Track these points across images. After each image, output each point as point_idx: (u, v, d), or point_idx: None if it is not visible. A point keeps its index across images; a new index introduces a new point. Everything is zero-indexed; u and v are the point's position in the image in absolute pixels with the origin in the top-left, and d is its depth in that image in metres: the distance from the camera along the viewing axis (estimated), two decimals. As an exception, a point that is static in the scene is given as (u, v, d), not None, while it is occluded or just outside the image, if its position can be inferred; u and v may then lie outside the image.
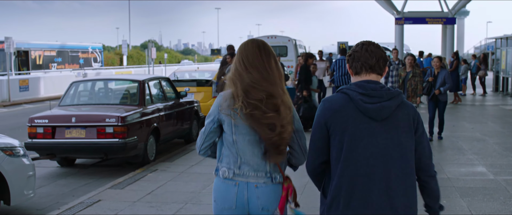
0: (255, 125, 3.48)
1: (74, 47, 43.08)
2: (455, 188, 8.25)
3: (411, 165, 3.34)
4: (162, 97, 11.93)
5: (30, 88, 29.35)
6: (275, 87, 3.52)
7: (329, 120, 3.29)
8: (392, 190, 3.26)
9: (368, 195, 3.21)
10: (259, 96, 3.46)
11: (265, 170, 3.59)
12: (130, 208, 7.41)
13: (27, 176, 7.44)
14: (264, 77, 3.51)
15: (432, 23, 35.33)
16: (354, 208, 3.22)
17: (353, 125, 3.24)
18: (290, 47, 34.87)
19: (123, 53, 57.40)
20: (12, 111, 23.46)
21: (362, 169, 3.21)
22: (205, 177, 9.14)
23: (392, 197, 3.26)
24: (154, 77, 12.08)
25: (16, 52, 34.32)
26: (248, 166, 3.59)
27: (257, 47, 3.59)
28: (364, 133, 3.23)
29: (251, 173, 3.59)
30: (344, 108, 3.27)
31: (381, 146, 3.23)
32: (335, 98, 3.35)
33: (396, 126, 3.27)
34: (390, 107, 3.25)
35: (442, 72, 12.31)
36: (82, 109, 10.84)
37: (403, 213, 3.34)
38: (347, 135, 3.24)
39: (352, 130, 3.24)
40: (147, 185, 8.65)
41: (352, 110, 3.26)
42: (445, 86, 12.18)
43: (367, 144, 3.23)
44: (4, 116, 21.43)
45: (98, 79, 12.71)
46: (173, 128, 12.11)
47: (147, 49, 44.03)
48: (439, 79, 12.27)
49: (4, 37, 27.91)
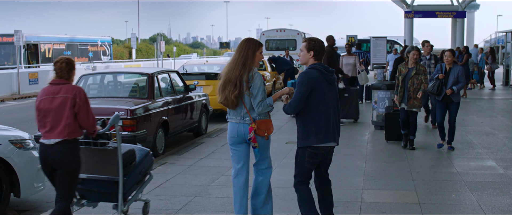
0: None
1: (83, 40, 43.16)
2: (464, 182, 8.22)
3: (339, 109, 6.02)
4: (171, 90, 11.94)
5: (39, 81, 29.44)
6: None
7: (314, 85, 5.66)
8: (336, 122, 5.88)
9: (329, 126, 5.74)
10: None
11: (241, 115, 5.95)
12: (139, 201, 7.41)
13: (37, 169, 7.45)
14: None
15: (442, 16, 35.16)
16: (324, 136, 5.70)
17: (321, 87, 5.69)
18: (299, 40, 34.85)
19: (132, 46, 57.47)
20: (22, 104, 23.56)
21: (327, 111, 5.72)
22: (214, 171, 9.15)
23: (337, 125, 5.88)
24: (163, 70, 12.09)
25: (26, 45, 34.42)
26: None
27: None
28: (326, 91, 5.73)
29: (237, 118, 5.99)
30: (318, 78, 5.70)
31: (332, 99, 5.79)
32: (313, 72, 5.71)
33: (336, 89, 5.89)
34: (334, 78, 5.82)
35: (455, 68, 10.62)
36: (91, 102, 10.80)
37: (337, 141, 5.87)
38: (319, 93, 5.68)
39: (323, 90, 5.70)
40: (156, 178, 8.66)
41: (321, 79, 5.70)
42: (459, 84, 10.50)
43: (328, 98, 5.74)
44: (14, 109, 21.52)
45: (107, 72, 12.74)
46: (182, 121, 12.12)
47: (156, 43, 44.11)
48: (452, 76, 10.55)
49: (13, 30, 27.97)
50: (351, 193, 7.68)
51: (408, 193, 7.66)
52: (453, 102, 10.61)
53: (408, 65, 10.70)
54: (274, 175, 8.80)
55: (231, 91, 5.80)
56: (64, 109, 5.57)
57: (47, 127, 5.60)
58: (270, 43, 36.22)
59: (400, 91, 10.72)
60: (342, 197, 7.47)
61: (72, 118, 5.60)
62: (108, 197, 6.38)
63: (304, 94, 5.62)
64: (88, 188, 6.37)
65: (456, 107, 10.69)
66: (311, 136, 5.64)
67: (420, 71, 10.63)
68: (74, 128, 5.62)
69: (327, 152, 5.83)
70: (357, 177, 8.56)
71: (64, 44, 40.04)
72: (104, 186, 6.33)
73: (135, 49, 59.12)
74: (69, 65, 5.74)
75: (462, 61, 22.46)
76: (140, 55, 65.55)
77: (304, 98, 5.62)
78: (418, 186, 7.99)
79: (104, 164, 6.32)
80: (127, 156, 6.35)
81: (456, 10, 34.85)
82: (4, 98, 25.44)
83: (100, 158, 6.32)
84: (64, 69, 5.70)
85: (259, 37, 37.98)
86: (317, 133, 5.64)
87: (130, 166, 6.42)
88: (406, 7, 34.80)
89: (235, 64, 5.85)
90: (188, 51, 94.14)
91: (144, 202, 6.83)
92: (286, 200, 7.42)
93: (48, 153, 5.58)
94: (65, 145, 5.56)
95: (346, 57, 16.59)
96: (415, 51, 10.67)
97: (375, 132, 13.04)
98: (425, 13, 35.01)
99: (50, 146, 5.56)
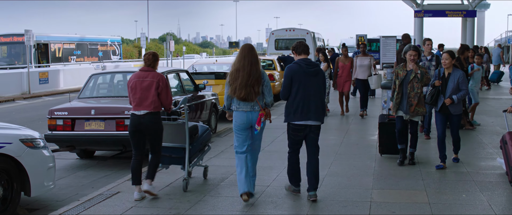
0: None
1: (93, 39, 43.27)
2: (474, 182, 8.19)
3: (323, 97, 7.35)
4: (180, 90, 11.96)
5: (49, 81, 29.58)
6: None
7: (292, 76, 7.19)
8: (316, 106, 7.17)
9: (307, 108, 7.13)
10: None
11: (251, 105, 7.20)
12: (149, 200, 7.44)
13: (47, 168, 7.50)
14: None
15: (452, 16, 34.97)
16: (301, 115, 7.15)
17: (301, 78, 7.15)
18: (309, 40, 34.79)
19: (142, 45, 57.68)
20: (32, 103, 23.67)
21: (303, 99, 7.12)
22: (223, 170, 9.15)
23: (316, 108, 7.16)
24: (172, 70, 12.11)
25: (36, 45, 34.55)
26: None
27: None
28: (305, 81, 7.15)
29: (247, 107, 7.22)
30: (297, 70, 7.19)
31: (312, 87, 7.16)
32: (293, 66, 7.25)
33: (318, 78, 7.23)
34: (314, 70, 7.24)
35: (455, 73, 9.09)
36: (101, 102, 10.90)
37: (318, 120, 7.24)
38: (297, 82, 7.16)
39: (300, 80, 7.15)
40: (166, 177, 8.68)
41: (301, 71, 7.17)
42: (460, 93, 9.00)
43: (306, 86, 7.15)
44: (24, 108, 21.63)
45: (117, 71, 12.75)
46: (192, 121, 12.11)
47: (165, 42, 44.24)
48: (451, 83, 9.05)
49: (24, 30, 28.12)
50: (360, 192, 7.67)
51: (418, 192, 7.64)
52: (452, 114, 9.13)
53: (406, 67, 9.27)
54: (283, 174, 8.82)
55: (253, 89, 7.13)
56: (150, 89, 7.49)
57: (136, 102, 7.52)
58: (280, 42, 36.19)
59: (397, 97, 9.25)
60: (352, 197, 7.45)
61: (156, 96, 7.50)
62: (177, 161, 8.15)
63: (287, 83, 7.21)
64: (163, 153, 7.99)
65: (458, 120, 9.25)
66: (290, 115, 7.24)
67: (422, 74, 9.18)
68: (157, 104, 7.52)
69: (309, 129, 7.24)
70: (366, 177, 8.54)
71: (74, 43, 40.16)
72: (175, 152, 8.12)
73: (145, 49, 59.26)
74: (154, 56, 7.71)
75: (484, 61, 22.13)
76: (150, 55, 65.60)
77: (288, 86, 7.21)
78: (428, 186, 7.97)
79: (175, 135, 8.13)
80: (192, 129, 8.15)
81: (466, 10, 34.68)
82: (14, 97, 25.57)
83: (172, 130, 8.14)
84: (151, 59, 7.67)
85: (268, 36, 37.96)
86: (294, 113, 7.18)
87: (194, 137, 8.24)
88: (416, 6, 34.67)
89: (250, 67, 7.14)
90: (197, 50, 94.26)
91: (204, 167, 8.68)
92: (295, 198, 7.41)
93: (140, 121, 7.50)
94: (152, 115, 7.49)
95: (361, 57, 15.92)
96: (413, 50, 9.17)
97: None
98: (435, 13, 34.85)
99: (141, 116, 7.48)
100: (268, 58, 23.32)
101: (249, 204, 7.17)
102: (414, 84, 9.11)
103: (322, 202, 7.25)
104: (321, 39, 39.80)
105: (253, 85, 7.06)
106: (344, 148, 11.08)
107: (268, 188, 7.98)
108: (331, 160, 9.81)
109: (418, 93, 9.12)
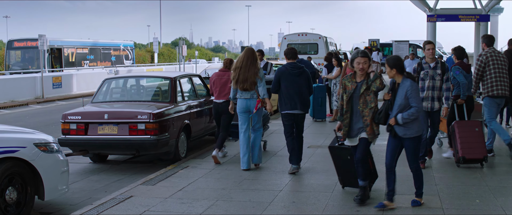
0: None
1: (106, 44, 43.49)
2: (488, 188, 8.13)
3: (306, 92, 9.24)
4: (193, 94, 11.99)
5: (63, 85, 29.75)
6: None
7: (280, 76, 9.18)
8: (300, 99, 9.11)
9: (293, 101, 9.06)
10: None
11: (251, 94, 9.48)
12: (161, 204, 7.46)
13: (61, 172, 7.53)
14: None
15: (465, 20, 34.79)
16: (289, 106, 9.10)
17: (287, 77, 9.13)
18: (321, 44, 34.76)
19: (154, 50, 57.82)
20: (46, 108, 23.81)
21: (289, 94, 9.07)
22: (236, 174, 9.16)
23: (301, 101, 9.10)
24: (185, 74, 12.14)
25: (50, 50, 34.78)
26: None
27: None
28: (291, 80, 9.09)
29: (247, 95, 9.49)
30: (284, 71, 9.20)
31: (296, 85, 9.10)
32: (281, 68, 9.28)
33: (298, 79, 9.12)
34: (298, 72, 9.15)
35: (403, 84, 6.90)
36: (114, 106, 10.95)
37: (302, 110, 9.17)
38: (285, 81, 9.13)
39: (287, 79, 9.12)
40: (179, 181, 8.70)
41: (287, 72, 9.17)
42: (408, 111, 6.82)
43: (292, 84, 9.10)
44: (38, 113, 21.76)
45: (130, 76, 12.81)
46: (204, 125, 12.16)
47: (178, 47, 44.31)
48: (398, 97, 6.92)
49: (37, 35, 28.31)
50: (373, 197, 7.63)
51: (431, 198, 7.59)
52: (403, 138, 7.03)
53: (355, 78, 7.23)
54: (295, 179, 8.80)
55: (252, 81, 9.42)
56: (226, 84, 10.40)
57: (216, 93, 10.58)
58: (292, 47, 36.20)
59: (346, 117, 7.32)
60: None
61: (230, 90, 9.98)
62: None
63: (275, 81, 9.26)
64: (233, 130, 10.57)
65: (413, 145, 7.02)
66: (282, 106, 9.22)
67: (376, 84, 7.10)
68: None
69: (296, 117, 9.21)
70: (379, 182, 8.49)
71: (87, 48, 40.39)
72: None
73: (157, 53, 59.47)
74: (231, 63, 10.54)
75: None
76: (162, 59, 65.90)
77: (276, 84, 9.24)
78: (441, 191, 7.93)
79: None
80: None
81: (480, 14, 34.50)
82: (28, 101, 25.74)
83: None
84: (228, 63, 10.79)
85: (280, 41, 37.97)
86: (285, 105, 9.17)
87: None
88: (429, 11, 34.55)
89: (250, 65, 9.41)
90: (210, 55, 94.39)
91: (264, 141, 11.33)
92: (307, 204, 7.41)
93: (219, 107, 10.48)
94: (226, 103, 10.32)
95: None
96: (361, 57, 7.10)
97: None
98: (448, 17, 34.71)
99: (220, 103, 10.48)
100: (280, 62, 23.32)
101: (261, 207, 7.18)
102: (367, 98, 7.14)
103: (334, 207, 7.23)
104: (334, 43, 39.75)
105: (252, 78, 9.30)
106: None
107: (280, 192, 7.99)
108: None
109: (373, 108, 7.13)
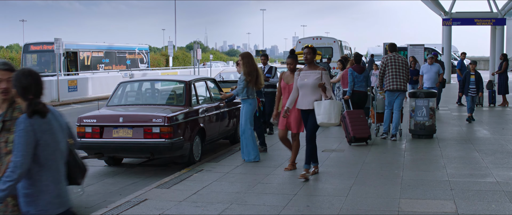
0: None
1: (121, 48, 43.68)
2: (504, 192, 8.08)
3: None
4: (207, 98, 12.01)
5: (78, 88, 29.92)
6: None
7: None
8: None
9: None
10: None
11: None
12: (176, 208, 7.48)
13: (76, 175, 7.56)
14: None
15: (480, 24, 34.65)
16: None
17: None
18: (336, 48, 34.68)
19: (169, 54, 58.00)
20: (61, 111, 23.87)
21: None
22: (250, 178, 9.17)
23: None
24: (200, 78, 12.17)
25: (65, 53, 34.97)
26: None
27: None
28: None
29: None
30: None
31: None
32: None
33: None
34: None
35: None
36: (129, 109, 10.99)
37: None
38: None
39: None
40: (193, 185, 8.72)
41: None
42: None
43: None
44: (53, 116, 21.86)
45: (145, 80, 12.88)
46: (219, 129, 12.17)
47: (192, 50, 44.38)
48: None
49: (53, 38, 28.50)
50: (388, 202, 7.61)
51: (446, 202, 7.56)
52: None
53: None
54: (309, 183, 8.78)
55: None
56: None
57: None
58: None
59: None
60: (379, 206, 7.40)
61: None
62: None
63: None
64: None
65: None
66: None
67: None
68: None
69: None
70: (394, 186, 8.47)
71: (103, 52, 40.58)
72: None
73: (172, 57, 59.63)
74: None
75: (501, 70, 21.83)
76: (177, 63, 66.07)
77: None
78: (456, 196, 7.88)
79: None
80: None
81: (496, 17, 34.30)
82: (44, 105, 25.88)
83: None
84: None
85: (295, 44, 37.98)
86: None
87: None
88: (444, 15, 34.42)
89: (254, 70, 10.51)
90: (224, 59, 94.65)
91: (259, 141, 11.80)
92: (321, 208, 7.39)
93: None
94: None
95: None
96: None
97: (412, 141, 12.91)
98: (463, 21, 34.56)
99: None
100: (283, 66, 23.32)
101: (275, 211, 7.18)
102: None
103: (348, 211, 7.21)
104: (348, 47, 39.67)
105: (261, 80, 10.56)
106: (371, 156, 11.00)
107: (295, 196, 7.98)
108: (359, 168, 9.77)
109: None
